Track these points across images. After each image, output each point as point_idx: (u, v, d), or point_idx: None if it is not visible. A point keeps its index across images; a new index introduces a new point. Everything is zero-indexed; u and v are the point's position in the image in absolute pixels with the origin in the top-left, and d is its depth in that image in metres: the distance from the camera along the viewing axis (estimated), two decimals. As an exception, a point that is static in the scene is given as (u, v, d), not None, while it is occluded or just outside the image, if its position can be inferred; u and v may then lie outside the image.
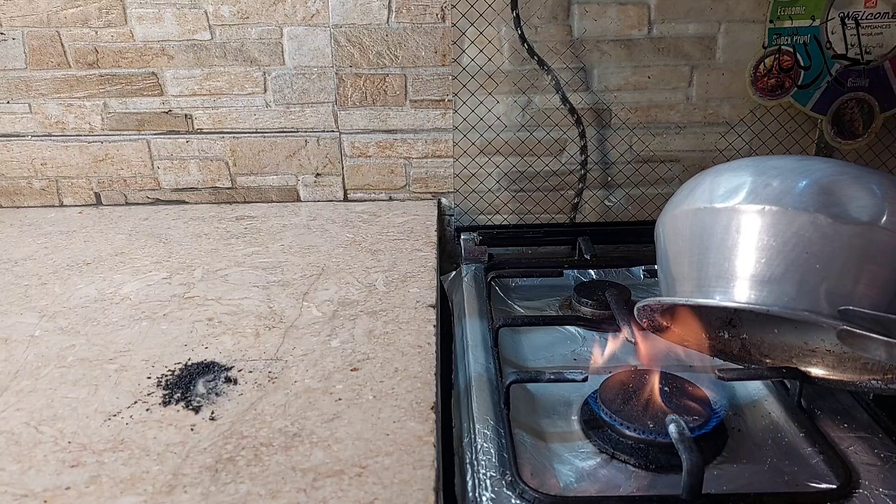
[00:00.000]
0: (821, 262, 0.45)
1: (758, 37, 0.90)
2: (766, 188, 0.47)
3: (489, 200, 0.99)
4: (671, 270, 0.55)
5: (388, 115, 0.96)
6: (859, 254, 0.45)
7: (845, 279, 0.45)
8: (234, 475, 0.46)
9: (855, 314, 0.44)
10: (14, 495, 0.44)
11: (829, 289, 0.45)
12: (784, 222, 0.46)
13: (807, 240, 0.45)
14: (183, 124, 0.96)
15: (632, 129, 0.96)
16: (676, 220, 0.54)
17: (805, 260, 0.45)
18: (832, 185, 0.46)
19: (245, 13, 0.91)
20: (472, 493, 0.51)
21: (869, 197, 0.45)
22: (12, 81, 0.94)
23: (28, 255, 0.83)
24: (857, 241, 0.44)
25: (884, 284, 0.45)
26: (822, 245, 0.45)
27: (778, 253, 0.46)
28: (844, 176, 0.46)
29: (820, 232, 0.45)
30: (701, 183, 0.53)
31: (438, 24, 0.91)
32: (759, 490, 0.52)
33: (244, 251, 0.83)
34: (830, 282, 0.45)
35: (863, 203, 0.45)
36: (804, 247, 0.45)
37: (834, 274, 0.45)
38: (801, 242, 0.45)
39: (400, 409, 0.53)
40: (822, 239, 0.45)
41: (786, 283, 0.46)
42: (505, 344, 0.72)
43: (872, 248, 0.44)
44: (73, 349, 0.62)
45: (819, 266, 0.45)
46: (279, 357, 0.60)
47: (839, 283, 0.45)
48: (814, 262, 0.45)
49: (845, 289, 0.45)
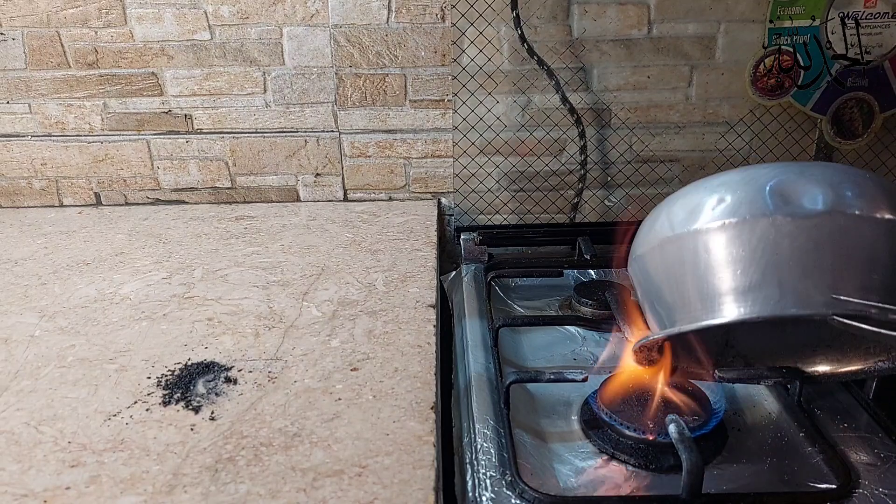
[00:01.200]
0: (793, 260, 0.46)
1: (758, 37, 0.90)
2: (721, 204, 0.49)
3: (489, 200, 0.99)
4: (656, 308, 0.55)
5: (388, 115, 0.96)
6: (825, 242, 0.46)
7: (822, 269, 0.46)
8: (234, 475, 0.46)
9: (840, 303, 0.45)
10: (14, 495, 0.44)
11: (809, 282, 0.46)
12: (747, 231, 0.47)
13: (772, 242, 0.46)
14: (183, 124, 0.96)
15: (631, 128, 0.96)
16: (645, 259, 0.55)
17: (777, 261, 0.46)
18: (780, 186, 0.47)
19: (245, 13, 0.91)
20: (472, 493, 0.51)
21: (816, 187, 0.47)
22: (12, 81, 0.94)
23: (28, 255, 0.83)
24: (817, 231, 0.46)
25: (859, 263, 0.46)
26: (788, 243, 0.46)
27: (750, 262, 0.47)
28: (788, 175, 0.48)
29: (782, 232, 0.46)
30: (657, 218, 0.55)
31: (438, 24, 0.91)
32: (759, 490, 0.52)
33: (244, 251, 0.83)
34: (808, 275, 0.46)
35: (812, 194, 0.47)
36: (772, 249, 0.46)
37: (809, 267, 0.46)
38: (768, 246, 0.46)
39: (400, 409, 0.53)
40: (787, 237, 0.46)
41: (767, 288, 0.46)
42: (505, 344, 0.72)
43: (835, 232, 0.46)
44: (73, 349, 0.62)
45: (792, 263, 0.46)
46: (279, 357, 0.60)
47: (817, 274, 0.46)
48: (786, 261, 0.46)
49: (825, 277, 0.46)
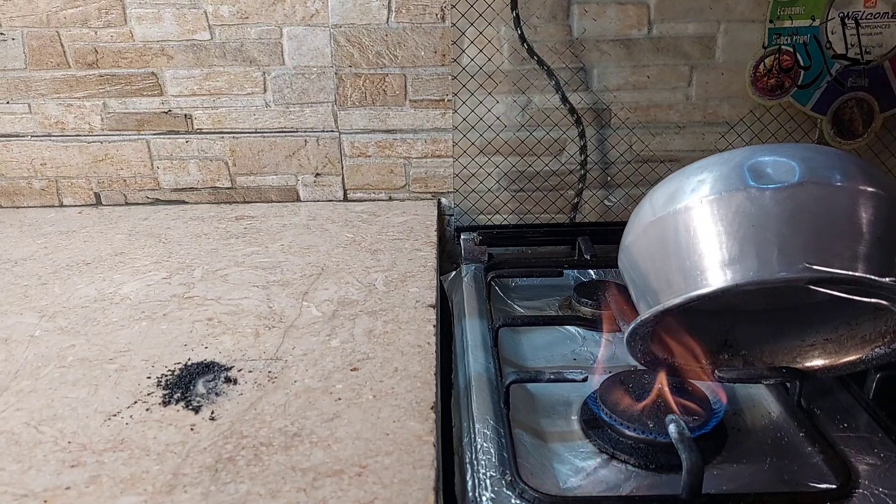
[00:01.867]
0: (768, 231, 0.48)
1: (758, 37, 0.90)
2: (699, 184, 0.51)
3: (489, 200, 0.99)
4: (645, 298, 0.56)
5: (388, 114, 0.96)
6: (800, 212, 0.48)
7: (797, 238, 0.48)
8: (234, 475, 0.46)
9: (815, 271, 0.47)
10: (14, 495, 0.44)
11: (786, 252, 0.48)
12: (724, 206, 0.49)
13: (748, 214, 0.49)
14: (182, 124, 0.96)
15: (631, 128, 0.96)
16: (631, 248, 0.57)
17: (754, 233, 0.48)
18: (754, 162, 0.50)
19: (245, 13, 0.91)
20: (472, 493, 0.51)
21: (787, 161, 0.50)
22: (12, 81, 0.94)
23: (28, 255, 0.83)
24: (792, 201, 0.48)
25: (834, 232, 0.48)
26: (763, 214, 0.48)
27: (728, 235, 0.49)
28: (760, 153, 0.51)
29: (757, 204, 0.48)
30: (641, 207, 0.57)
31: (438, 24, 0.91)
32: (759, 490, 0.52)
33: (244, 251, 0.83)
34: (785, 245, 0.48)
35: (784, 168, 0.49)
36: (749, 221, 0.48)
37: (785, 236, 0.48)
38: (745, 218, 0.49)
39: (400, 409, 0.53)
40: (761, 209, 0.48)
41: (746, 259, 0.48)
42: (505, 344, 0.72)
43: (810, 202, 0.48)
44: (73, 349, 0.62)
45: (768, 234, 0.48)
46: (279, 357, 0.60)
47: (793, 243, 0.48)
48: (762, 232, 0.48)
49: (801, 246, 0.48)
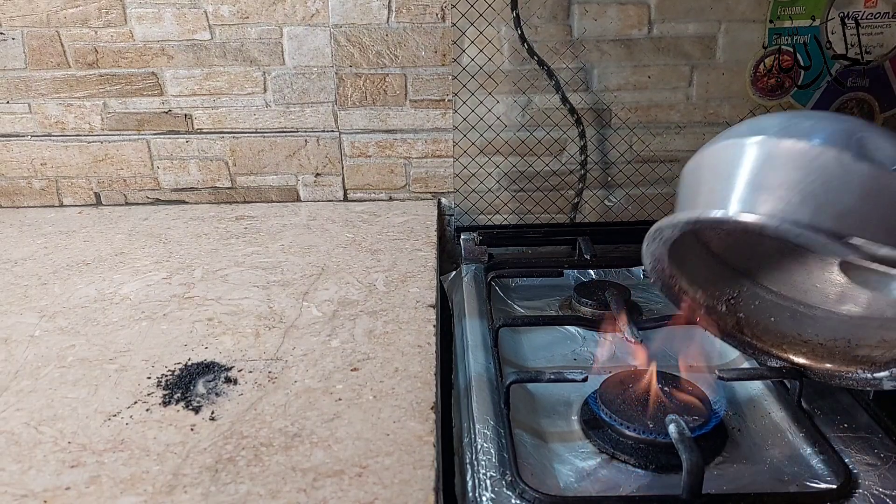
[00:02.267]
0: (838, 198, 0.46)
1: (758, 37, 0.90)
2: (798, 126, 0.49)
3: (489, 200, 0.99)
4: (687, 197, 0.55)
5: (388, 114, 0.96)
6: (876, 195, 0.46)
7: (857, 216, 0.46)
8: (234, 475, 0.46)
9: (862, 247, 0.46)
10: (14, 495, 0.44)
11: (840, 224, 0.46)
12: (810, 155, 0.47)
13: (828, 173, 0.47)
14: (183, 124, 0.96)
15: (632, 128, 0.96)
16: (703, 155, 0.55)
17: (822, 192, 0.47)
18: (861, 132, 0.48)
19: (245, 13, 0.90)
20: (472, 493, 0.51)
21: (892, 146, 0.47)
22: (12, 81, 0.94)
23: (28, 255, 0.83)
24: (874, 182, 0.46)
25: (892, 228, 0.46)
26: (842, 181, 0.46)
27: (797, 182, 0.47)
28: (872, 127, 0.49)
29: (842, 168, 0.46)
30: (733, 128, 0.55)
31: (438, 24, 0.91)
32: (759, 490, 0.52)
33: (244, 251, 0.83)
34: (843, 218, 0.46)
35: (888, 152, 0.47)
36: (824, 180, 0.47)
37: (848, 210, 0.46)
38: (822, 176, 0.47)
39: (400, 409, 0.53)
40: (844, 175, 0.46)
41: (802, 212, 0.47)
42: (505, 344, 0.72)
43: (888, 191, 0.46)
44: (73, 349, 0.62)
45: (836, 201, 0.46)
46: (279, 357, 0.60)
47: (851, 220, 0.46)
48: (831, 196, 0.47)
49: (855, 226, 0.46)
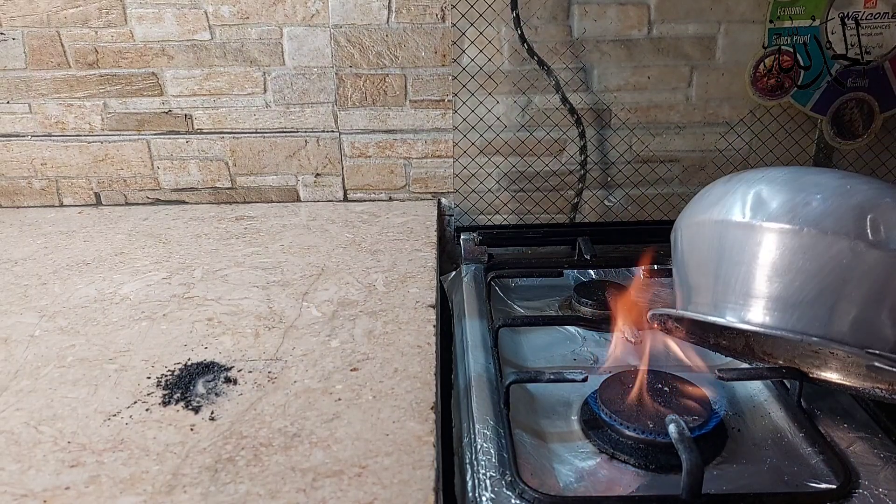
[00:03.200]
0: (857, 290, 0.44)
1: (758, 37, 0.90)
2: (806, 207, 0.46)
3: (489, 200, 0.99)
4: (689, 279, 0.54)
5: (388, 115, 0.96)
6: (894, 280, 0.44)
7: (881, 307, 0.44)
8: (234, 475, 0.46)
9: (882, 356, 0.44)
10: (14, 495, 0.44)
11: (862, 316, 0.44)
12: (822, 246, 0.45)
13: (845, 266, 0.44)
14: (183, 124, 0.96)
15: (632, 129, 0.96)
16: (702, 228, 0.52)
17: (840, 286, 0.44)
18: (874, 211, 0.44)
19: (245, 13, 0.91)
20: (472, 493, 0.51)
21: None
22: (12, 81, 0.94)
23: (28, 255, 0.83)
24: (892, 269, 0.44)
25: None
26: (860, 272, 0.44)
27: (813, 276, 0.45)
28: (888, 200, 0.45)
29: (859, 259, 0.44)
30: (732, 191, 0.51)
31: (438, 25, 0.91)
32: (759, 490, 0.51)
33: (244, 251, 0.83)
34: (865, 309, 0.44)
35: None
36: (841, 272, 0.44)
37: (870, 302, 0.44)
38: (838, 268, 0.44)
39: (400, 410, 0.53)
40: (861, 266, 0.44)
41: (818, 308, 0.45)
42: (505, 344, 0.72)
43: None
44: (72, 349, 0.62)
45: (855, 293, 0.44)
46: (279, 357, 0.60)
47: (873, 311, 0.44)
48: (850, 288, 0.44)
49: (879, 316, 0.44)
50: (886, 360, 0.44)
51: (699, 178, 0.99)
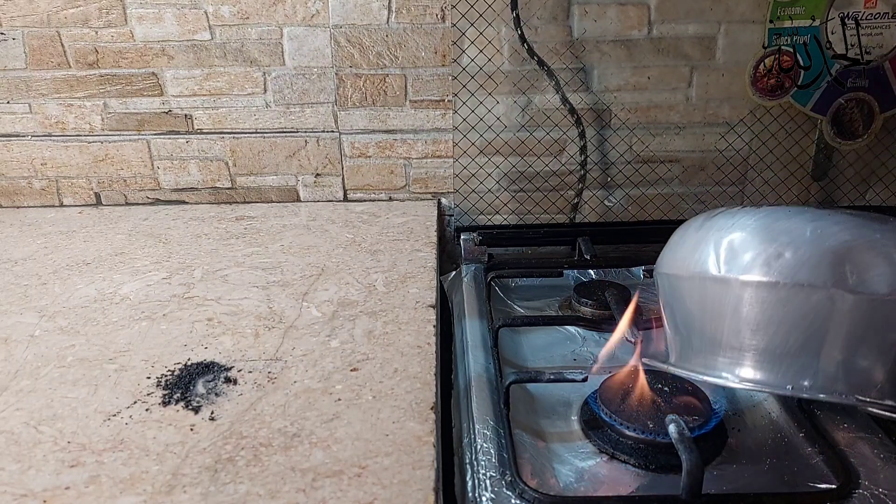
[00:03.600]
0: (840, 336, 0.44)
1: (758, 37, 0.90)
2: (779, 259, 0.46)
3: (489, 200, 0.99)
4: (678, 329, 0.54)
5: (388, 115, 0.96)
6: (880, 325, 0.44)
7: (865, 350, 0.44)
8: (234, 475, 0.46)
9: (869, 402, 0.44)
10: (14, 495, 0.44)
11: (849, 361, 0.44)
12: (800, 297, 0.45)
13: (825, 314, 0.44)
14: (183, 124, 0.96)
15: (632, 129, 0.96)
16: (681, 282, 0.52)
17: (824, 334, 0.44)
18: (847, 255, 0.44)
19: (245, 13, 0.91)
20: (472, 494, 0.51)
21: (886, 265, 0.43)
22: (12, 81, 0.94)
23: (28, 255, 0.83)
24: (876, 313, 0.43)
25: None
26: (841, 319, 0.44)
27: (795, 328, 0.45)
28: (859, 241, 0.45)
29: (838, 306, 0.44)
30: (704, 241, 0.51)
31: (438, 25, 0.91)
32: (759, 490, 0.51)
33: (244, 251, 0.83)
34: (851, 355, 0.44)
35: (880, 271, 0.43)
36: (822, 321, 0.44)
37: (854, 346, 0.44)
38: (818, 317, 0.44)
39: (399, 410, 0.53)
40: (841, 312, 0.44)
41: (805, 358, 0.45)
42: (505, 344, 0.72)
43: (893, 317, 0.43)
44: (72, 349, 0.62)
45: (838, 340, 0.44)
46: (279, 357, 0.60)
47: (859, 355, 0.44)
48: (833, 336, 0.44)
49: (865, 360, 0.44)
50: (878, 406, 0.44)
51: (699, 178, 0.99)
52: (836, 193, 0.99)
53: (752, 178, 0.99)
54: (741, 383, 0.48)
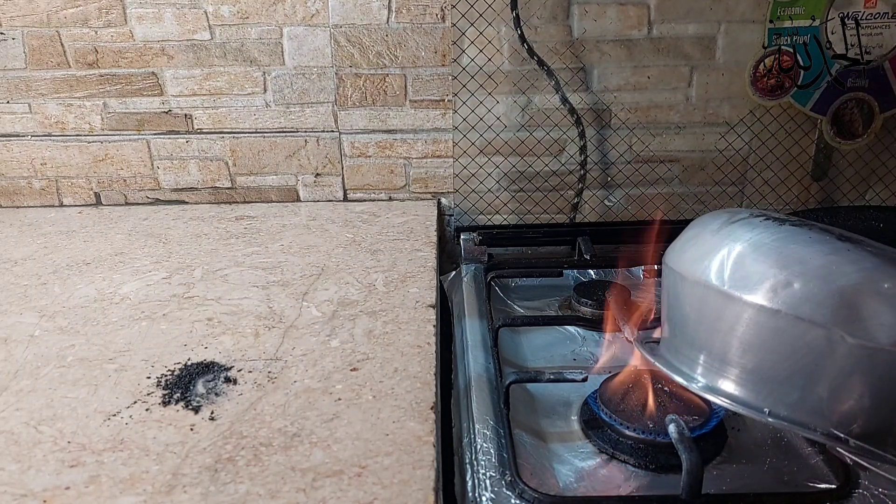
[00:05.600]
0: (830, 377, 0.44)
1: (758, 37, 0.90)
2: (787, 289, 0.45)
3: (489, 200, 0.99)
4: (672, 322, 0.54)
5: (388, 115, 0.96)
6: (873, 373, 0.43)
7: (852, 395, 0.44)
8: (234, 475, 0.46)
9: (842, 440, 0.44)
10: (14, 495, 0.44)
11: (832, 401, 0.44)
12: (798, 331, 0.44)
13: (819, 352, 0.44)
14: (183, 124, 0.96)
15: (631, 129, 0.96)
16: (685, 284, 0.52)
17: (813, 371, 0.44)
18: (855, 298, 0.43)
19: (245, 13, 0.91)
20: (472, 493, 0.51)
21: (892, 315, 0.43)
22: (12, 81, 0.94)
23: (28, 255, 0.83)
24: (871, 361, 0.43)
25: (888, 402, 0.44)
26: (835, 361, 0.43)
27: (786, 358, 0.45)
28: (870, 286, 0.44)
29: (834, 347, 0.43)
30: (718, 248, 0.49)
31: (438, 25, 0.91)
32: (758, 490, 0.52)
33: (244, 251, 0.83)
34: (836, 395, 0.44)
35: (884, 321, 0.43)
36: (814, 358, 0.44)
37: (841, 388, 0.44)
38: (811, 353, 0.44)
39: (399, 410, 0.53)
40: (836, 355, 0.43)
41: (788, 388, 0.45)
42: (505, 344, 0.72)
43: (886, 369, 0.43)
44: (72, 349, 0.62)
45: (827, 379, 0.44)
46: (279, 357, 0.60)
47: (844, 398, 0.44)
48: (822, 375, 0.44)
49: (848, 403, 0.44)
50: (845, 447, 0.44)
51: (699, 178, 0.99)
52: (835, 193, 0.99)
53: (751, 178, 0.99)
54: (716, 396, 0.48)
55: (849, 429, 0.44)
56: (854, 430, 0.44)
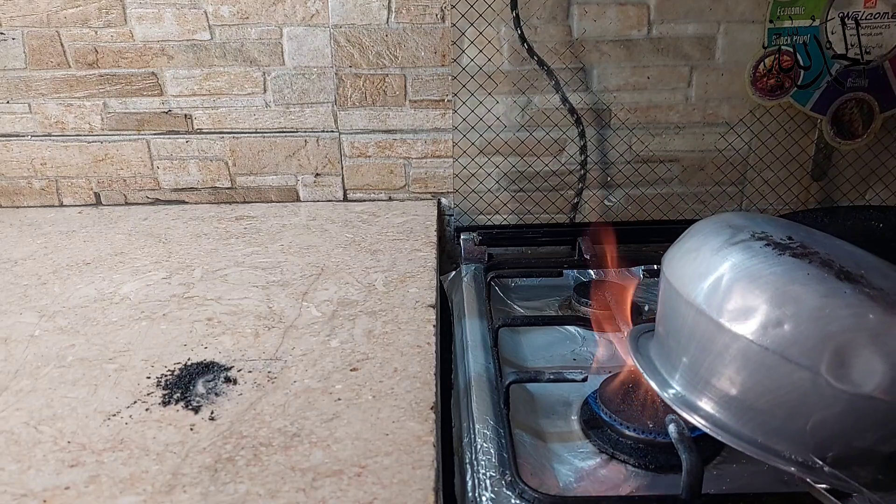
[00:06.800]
0: (810, 415, 0.45)
1: (757, 37, 0.90)
2: (777, 328, 0.45)
3: (489, 200, 0.99)
4: (668, 332, 0.55)
5: (388, 115, 0.96)
6: (854, 418, 0.44)
7: (830, 434, 0.45)
8: (234, 475, 0.46)
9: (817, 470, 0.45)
10: (14, 495, 0.44)
11: (812, 439, 0.45)
12: (785, 370, 0.45)
13: (803, 391, 0.45)
14: (183, 124, 0.96)
15: (631, 129, 0.96)
16: (679, 301, 0.52)
17: (794, 408, 0.45)
18: (845, 346, 0.44)
19: (245, 13, 0.91)
20: (472, 493, 0.51)
21: (880, 363, 0.43)
22: (12, 81, 0.94)
23: (28, 255, 0.83)
24: (853, 405, 0.44)
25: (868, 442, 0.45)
26: (817, 401, 0.44)
27: (769, 392, 0.46)
28: (862, 335, 0.44)
29: (818, 390, 0.44)
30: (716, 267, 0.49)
31: (438, 25, 0.91)
32: (758, 490, 0.52)
33: (244, 251, 0.83)
34: (815, 433, 0.45)
35: (871, 369, 0.43)
36: (798, 396, 0.45)
37: (821, 427, 0.45)
38: (795, 391, 0.45)
39: (399, 409, 0.53)
40: (819, 396, 0.44)
41: (768, 418, 0.46)
42: (504, 344, 0.72)
43: (868, 414, 0.44)
44: (72, 349, 0.62)
45: (806, 418, 0.45)
46: (278, 357, 0.60)
47: (822, 436, 0.45)
48: (803, 412, 0.45)
49: (827, 441, 0.45)
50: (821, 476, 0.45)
51: (699, 178, 0.99)
52: (835, 193, 0.99)
53: (751, 178, 0.99)
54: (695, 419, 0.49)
55: (824, 456, 0.45)
56: (829, 458, 0.45)
